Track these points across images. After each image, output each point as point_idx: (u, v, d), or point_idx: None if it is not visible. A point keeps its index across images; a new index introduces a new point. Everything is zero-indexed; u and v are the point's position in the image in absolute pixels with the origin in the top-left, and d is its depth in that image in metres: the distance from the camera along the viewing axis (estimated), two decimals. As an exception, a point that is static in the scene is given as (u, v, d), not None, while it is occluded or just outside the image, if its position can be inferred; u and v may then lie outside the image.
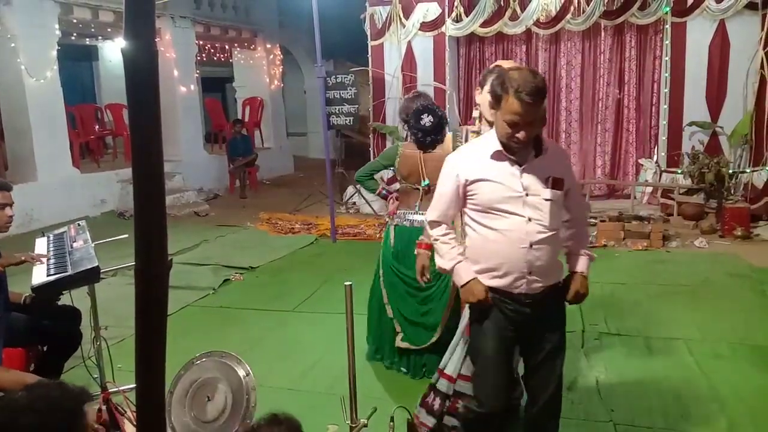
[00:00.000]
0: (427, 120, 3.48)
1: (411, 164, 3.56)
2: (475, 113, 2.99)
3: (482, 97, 2.76)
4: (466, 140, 3.08)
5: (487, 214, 2.21)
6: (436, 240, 2.36)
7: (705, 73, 7.37)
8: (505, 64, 2.75)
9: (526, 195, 2.17)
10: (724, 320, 4.28)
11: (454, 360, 2.73)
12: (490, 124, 2.76)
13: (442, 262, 2.34)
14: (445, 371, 2.76)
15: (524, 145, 2.14)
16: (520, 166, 2.18)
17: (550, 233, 2.20)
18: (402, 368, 3.64)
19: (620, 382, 3.42)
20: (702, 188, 7.15)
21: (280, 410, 1.72)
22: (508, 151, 2.17)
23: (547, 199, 2.18)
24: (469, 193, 2.25)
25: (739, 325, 4.19)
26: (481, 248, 2.26)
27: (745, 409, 3.12)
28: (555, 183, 2.20)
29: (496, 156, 2.19)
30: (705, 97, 7.42)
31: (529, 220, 2.17)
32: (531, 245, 2.17)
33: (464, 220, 2.35)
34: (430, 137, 3.51)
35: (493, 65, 2.83)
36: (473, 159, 2.25)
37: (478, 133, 2.93)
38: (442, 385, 2.75)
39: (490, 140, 2.22)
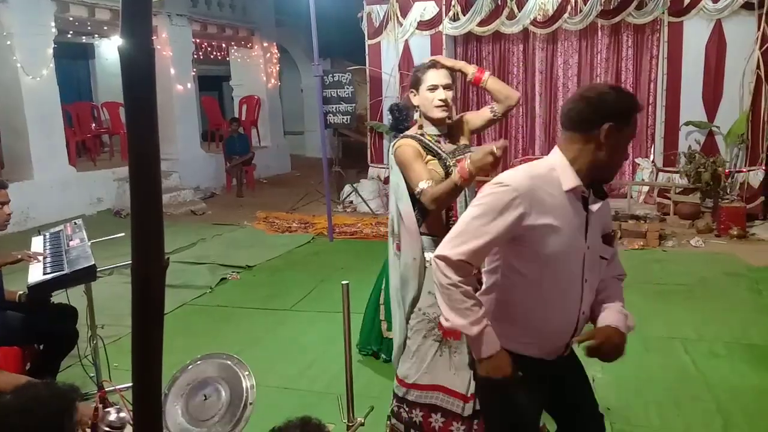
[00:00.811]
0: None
1: None
2: (416, 116, 2.62)
3: (420, 98, 2.56)
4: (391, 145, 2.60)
5: (542, 269, 1.71)
6: (455, 286, 1.69)
7: (701, 73, 7.39)
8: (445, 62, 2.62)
9: (588, 249, 1.75)
10: (720, 319, 4.29)
11: (407, 362, 2.54)
12: (436, 122, 2.57)
13: (457, 321, 1.71)
14: (398, 375, 2.59)
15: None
16: (586, 210, 1.73)
17: (594, 291, 1.84)
18: (383, 355, 3.68)
19: (616, 381, 3.43)
20: (698, 188, 7.17)
21: (280, 410, 1.71)
22: (590, 187, 1.71)
23: (603, 258, 1.82)
24: (523, 239, 1.69)
25: (735, 324, 4.20)
26: (519, 309, 1.78)
27: (741, 408, 3.13)
28: (609, 238, 1.85)
29: (574, 193, 1.69)
30: (701, 97, 7.43)
31: (585, 281, 1.76)
32: (582, 312, 1.79)
33: (494, 265, 1.80)
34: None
35: (420, 65, 2.65)
36: (544, 193, 1.67)
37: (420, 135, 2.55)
38: (399, 390, 2.58)
39: (560, 170, 1.69)
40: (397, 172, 2.54)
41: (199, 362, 2.11)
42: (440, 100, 2.52)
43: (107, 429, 1.81)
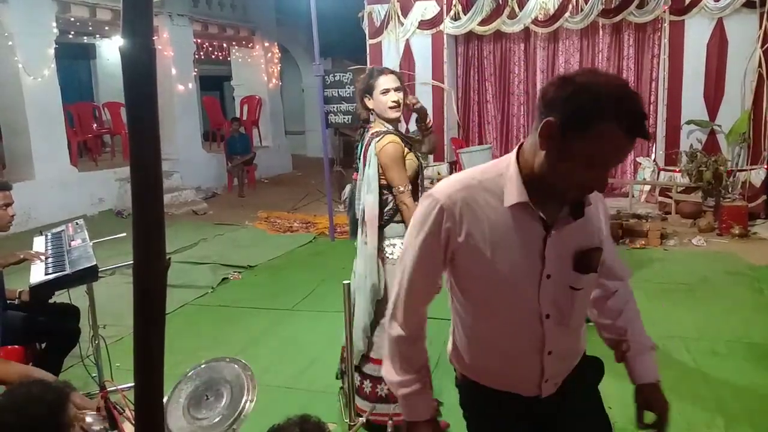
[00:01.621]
0: None
1: None
2: (372, 118, 2.87)
3: (375, 102, 2.79)
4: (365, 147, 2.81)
5: (484, 297, 1.42)
6: (397, 340, 1.50)
7: (703, 72, 7.38)
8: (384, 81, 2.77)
9: (547, 278, 1.37)
10: (721, 318, 4.29)
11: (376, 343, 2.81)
12: (390, 122, 2.81)
13: (389, 375, 1.53)
14: (371, 355, 2.83)
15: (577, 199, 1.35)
16: (546, 230, 1.34)
17: (573, 332, 1.50)
18: None
19: (617, 380, 3.43)
20: (700, 186, 7.16)
21: (281, 409, 1.71)
22: (539, 203, 1.32)
23: (574, 288, 1.41)
24: (455, 257, 1.38)
25: (736, 323, 4.20)
26: (471, 338, 1.50)
27: (742, 407, 3.13)
28: (588, 259, 1.40)
29: (519, 210, 1.33)
30: (703, 96, 7.43)
31: (547, 317, 1.40)
32: (549, 352, 1.44)
33: (448, 285, 1.52)
34: None
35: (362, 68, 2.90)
36: (482, 205, 1.34)
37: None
38: (371, 369, 2.84)
39: (507, 177, 1.34)
40: (375, 166, 2.75)
41: (212, 364, 2.11)
42: (393, 101, 2.76)
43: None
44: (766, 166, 7.16)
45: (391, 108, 2.77)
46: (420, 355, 1.53)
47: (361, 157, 2.87)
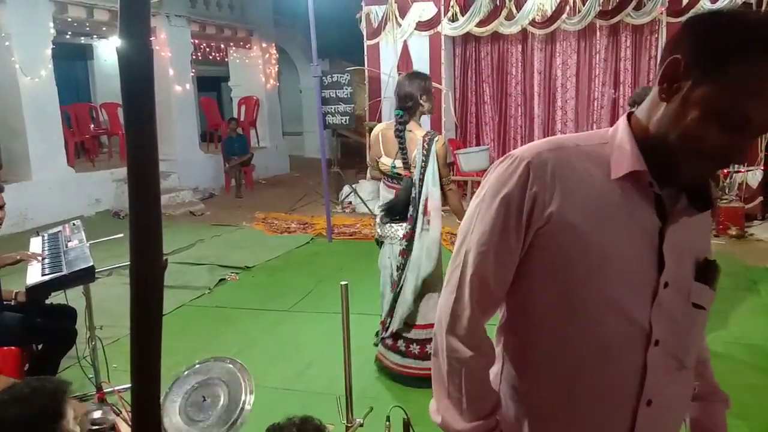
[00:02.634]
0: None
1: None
2: (406, 117, 3.33)
3: (429, 103, 3.39)
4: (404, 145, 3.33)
5: (560, 320, 1.01)
6: (460, 362, 1.05)
7: (700, 73, 7.39)
8: None
9: (665, 286, 1.00)
10: (718, 319, 4.29)
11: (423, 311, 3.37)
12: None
13: (451, 420, 1.08)
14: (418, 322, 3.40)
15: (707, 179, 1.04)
16: (663, 220, 0.99)
17: (686, 374, 1.08)
18: None
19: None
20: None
21: (278, 411, 1.71)
22: (664, 180, 0.98)
23: (698, 306, 1.07)
24: (536, 254, 1.01)
25: (733, 324, 4.21)
26: (534, 385, 1.07)
27: (740, 407, 3.13)
28: (711, 271, 1.08)
29: (631, 184, 0.98)
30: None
31: (656, 343, 1.00)
32: (648, 402, 1.01)
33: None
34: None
35: None
36: (579, 171, 0.99)
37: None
38: (419, 334, 3.40)
39: (615, 145, 1.00)
40: (434, 160, 3.22)
41: (207, 363, 2.11)
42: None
43: (92, 427, 1.82)
44: (762, 168, 7.18)
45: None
46: (492, 387, 1.08)
47: (409, 151, 3.28)
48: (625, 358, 1.00)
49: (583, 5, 7.70)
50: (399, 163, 3.31)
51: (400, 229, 3.35)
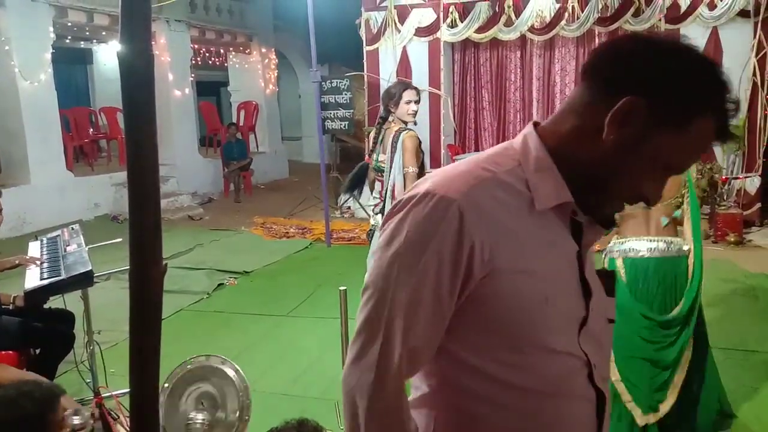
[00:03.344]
0: None
1: None
2: (392, 118, 3.73)
3: (399, 108, 3.67)
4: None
5: (511, 362, 0.93)
6: (389, 414, 0.94)
7: (698, 80, 7.42)
8: None
9: (588, 312, 0.97)
10: (716, 326, 4.28)
11: None
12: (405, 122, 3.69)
13: None
14: None
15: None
16: (580, 246, 0.97)
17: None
18: None
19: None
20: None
21: (276, 416, 1.71)
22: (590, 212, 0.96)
23: (611, 321, 1.05)
24: (476, 308, 0.91)
25: (731, 330, 4.21)
26: None
27: (739, 414, 3.13)
28: (610, 282, 1.06)
29: (554, 215, 0.94)
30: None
31: (594, 367, 0.98)
32: (600, 427, 1.00)
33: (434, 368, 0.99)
34: None
35: None
36: (502, 207, 0.91)
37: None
38: None
39: (532, 168, 0.93)
40: (401, 150, 3.58)
41: (201, 362, 2.10)
42: (412, 110, 3.67)
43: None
44: (760, 175, 7.19)
45: (409, 114, 3.66)
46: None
47: (385, 145, 3.73)
48: (577, 392, 0.96)
49: (582, 12, 7.72)
50: (382, 156, 3.82)
51: (380, 218, 3.69)
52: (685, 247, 2.74)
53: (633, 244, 2.74)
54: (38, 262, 3.12)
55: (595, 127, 0.88)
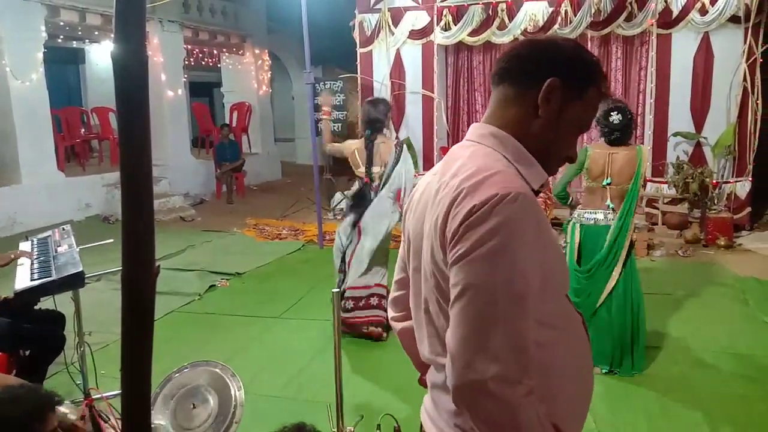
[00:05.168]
0: (615, 118, 3.72)
1: (601, 164, 3.82)
2: (385, 131, 4.36)
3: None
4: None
5: (559, 324, 1.19)
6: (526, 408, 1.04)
7: (689, 85, 7.47)
8: None
9: None
10: (707, 329, 4.32)
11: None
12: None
13: None
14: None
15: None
16: None
17: None
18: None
19: (604, 390, 3.44)
20: (686, 198, 7.23)
21: (268, 419, 1.70)
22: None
23: None
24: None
25: (721, 333, 4.23)
26: (560, 379, 1.18)
27: (727, 417, 3.15)
28: None
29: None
30: (689, 108, 7.51)
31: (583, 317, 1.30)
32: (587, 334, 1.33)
33: None
34: (616, 135, 3.76)
35: None
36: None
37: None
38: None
39: (514, 158, 1.17)
40: (408, 157, 4.24)
41: (194, 367, 2.09)
42: None
43: None
44: (751, 179, 7.24)
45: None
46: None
47: (381, 157, 4.23)
48: (577, 318, 1.25)
49: (575, 16, 7.76)
50: (375, 168, 4.23)
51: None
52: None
53: (587, 214, 3.82)
54: (33, 257, 3.11)
55: (531, 108, 1.17)
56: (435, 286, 1.16)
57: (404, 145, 4.30)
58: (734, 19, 7.10)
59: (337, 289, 2.41)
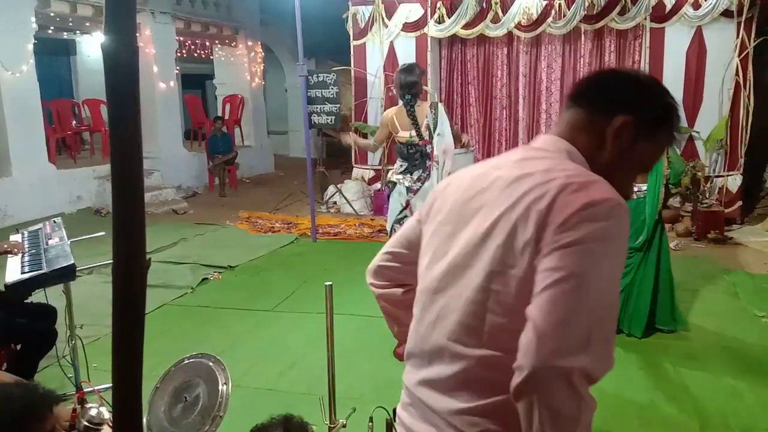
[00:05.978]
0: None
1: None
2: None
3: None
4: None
5: None
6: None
7: (682, 79, 7.49)
8: None
9: None
10: (697, 322, 4.35)
11: None
12: None
13: None
14: None
15: None
16: None
17: None
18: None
19: (595, 385, 3.46)
20: (678, 192, 7.26)
21: (261, 412, 1.70)
22: None
23: None
24: None
25: (711, 327, 4.27)
26: None
27: (717, 409, 3.18)
28: None
29: None
30: (682, 102, 7.53)
31: None
32: None
33: None
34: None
35: None
36: None
37: None
38: None
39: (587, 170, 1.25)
40: (444, 117, 4.42)
41: (190, 360, 2.09)
42: None
43: (87, 424, 1.78)
44: (742, 173, 7.29)
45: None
46: None
47: (420, 120, 4.37)
48: None
49: (569, 9, 7.76)
50: (414, 133, 4.35)
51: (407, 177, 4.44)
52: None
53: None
54: (24, 250, 3.09)
55: (599, 141, 1.19)
56: (493, 272, 1.12)
57: (438, 105, 4.56)
58: (727, 14, 7.13)
59: (330, 282, 2.40)
